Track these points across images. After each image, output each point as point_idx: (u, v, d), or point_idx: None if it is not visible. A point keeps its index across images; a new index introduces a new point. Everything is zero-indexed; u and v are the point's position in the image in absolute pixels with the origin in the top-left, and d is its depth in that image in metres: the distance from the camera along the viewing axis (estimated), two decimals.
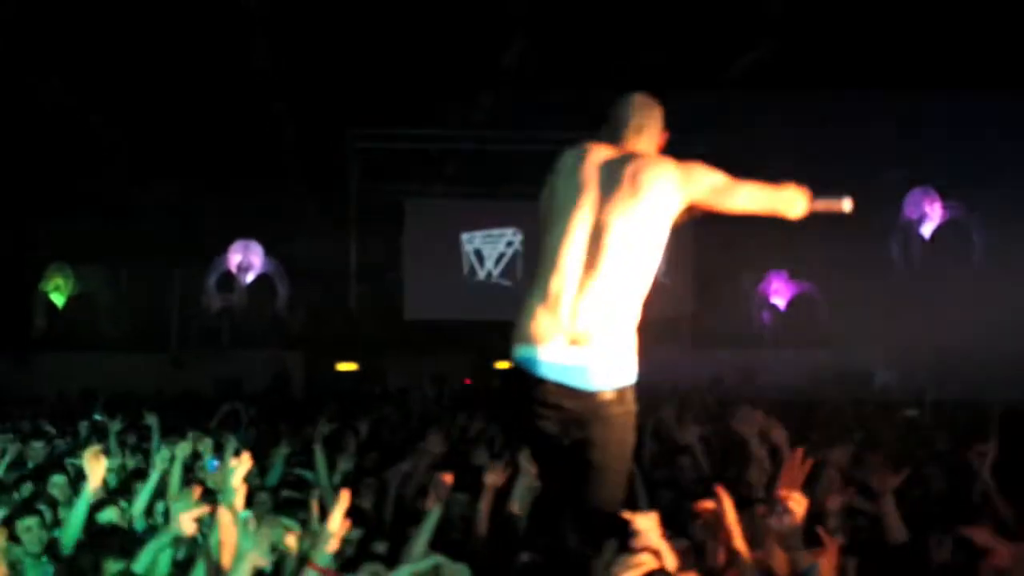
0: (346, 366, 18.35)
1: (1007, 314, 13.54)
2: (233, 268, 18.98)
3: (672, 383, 14.42)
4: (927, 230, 16.73)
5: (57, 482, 6.07)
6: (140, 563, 3.76)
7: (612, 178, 3.44)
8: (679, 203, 3.55)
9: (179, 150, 15.25)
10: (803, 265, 19.00)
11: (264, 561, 3.44)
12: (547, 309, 3.32)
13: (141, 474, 6.17)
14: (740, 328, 19.61)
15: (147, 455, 7.38)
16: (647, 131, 3.73)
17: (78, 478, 5.91)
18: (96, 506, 5.02)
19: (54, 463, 6.81)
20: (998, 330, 13.68)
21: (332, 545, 3.64)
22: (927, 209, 16.73)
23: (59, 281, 19.26)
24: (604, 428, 3.33)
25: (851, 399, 11.58)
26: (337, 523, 3.63)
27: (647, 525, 2.83)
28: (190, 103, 13.10)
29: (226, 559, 3.44)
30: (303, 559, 3.81)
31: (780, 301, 19.89)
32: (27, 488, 6.12)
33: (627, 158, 3.53)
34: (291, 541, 4.09)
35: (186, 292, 19.75)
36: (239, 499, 3.63)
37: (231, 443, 6.89)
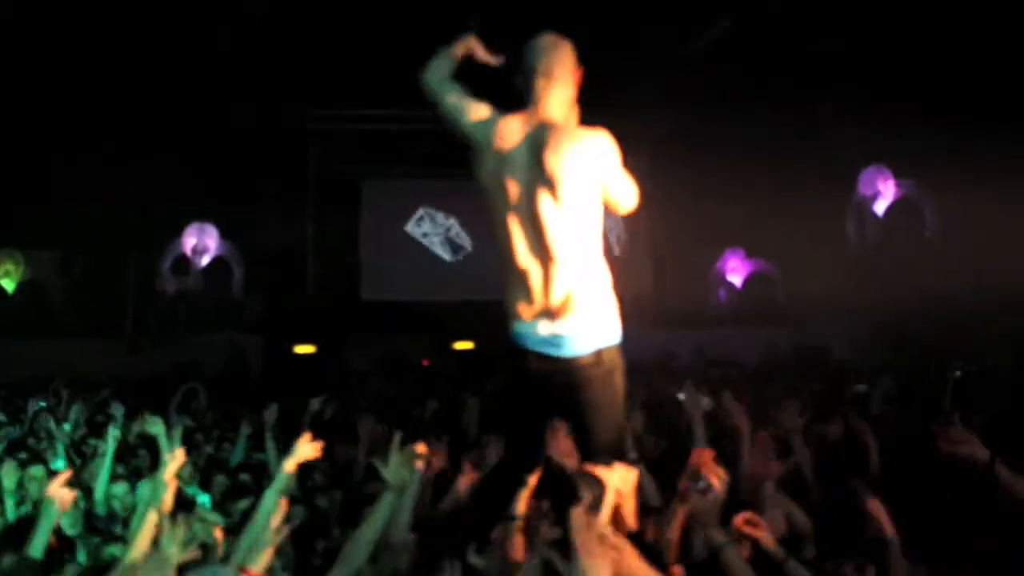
0: (304, 348, 18.28)
1: (962, 286, 13.77)
2: (188, 251, 18.81)
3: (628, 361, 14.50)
4: (881, 207, 16.93)
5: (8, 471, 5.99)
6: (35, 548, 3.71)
7: (545, 149, 3.42)
8: (601, 178, 3.55)
9: (133, 132, 15.05)
10: (759, 242, 19.16)
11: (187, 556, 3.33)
12: (521, 286, 3.42)
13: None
14: (697, 306, 19.74)
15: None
16: (558, 74, 3.59)
17: (28, 462, 5.87)
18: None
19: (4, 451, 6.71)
20: (953, 302, 13.91)
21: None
22: (881, 187, 16.93)
23: (9, 267, 18.98)
24: (588, 390, 3.46)
25: (806, 375, 11.70)
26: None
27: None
28: (146, 84, 12.93)
29: (137, 553, 3.31)
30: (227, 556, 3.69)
31: (736, 279, 20.04)
32: None
33: (552, 127, 3.50)
34: (219, 535, 4.00)
35: (140, 276, 19.54)
36: (169, 495, 3.52)
37: (179, 427, 6.82)
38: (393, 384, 12.81)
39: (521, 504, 3.53)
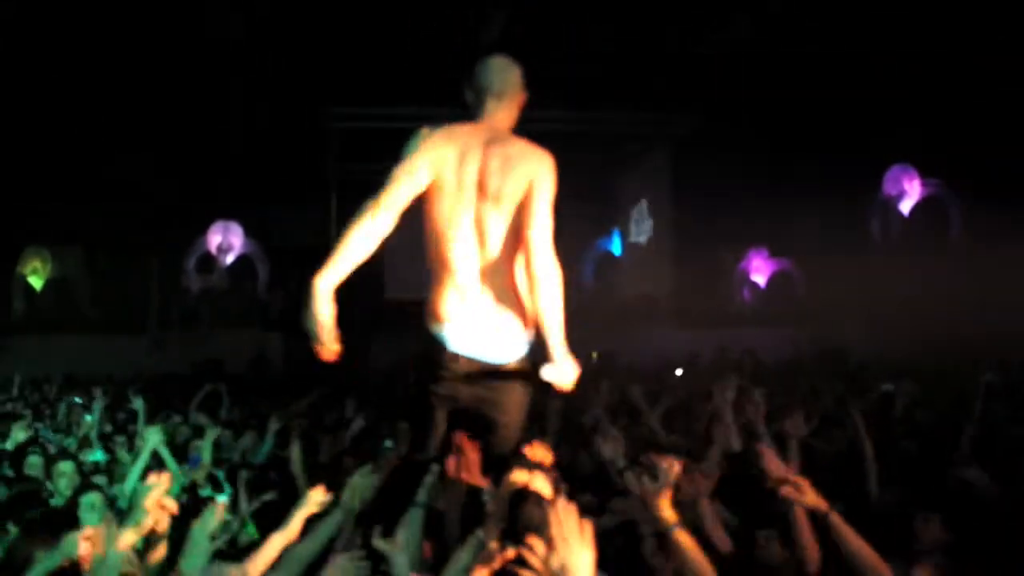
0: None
1: (986, 289, 13.67)
2: (213, 249, 18.91)
3: (651, 361, 14.50)
4: (906, 207, 16.82)
5: (34, 463, 6.06)
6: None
7: (484, 166, 3.55)
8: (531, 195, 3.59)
9: (158, 131, 15.15)
10: (783, 242, 19.08)
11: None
12: (451, 291, 3.58)
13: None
14: (720, 306, 19.69)
15: (131, 438, 7.38)
16: (507, 96, 3.75)
17: (53, 459, 5.93)
18: (78, 490, 5.00)
19: (31, 444, 6.78)
20: (978, 305, 13.82)
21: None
22: (906, 186, 16.82)
23: (36, 264, 19.14)
24: (507, 393, 3.70)
25: (831, 375, 11.63)
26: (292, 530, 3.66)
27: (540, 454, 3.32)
28: (170, 84, 13.01)
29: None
30: None
31: (760, 278, 19.96)
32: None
33: (500, 139, 3.64)
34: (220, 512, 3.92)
35: (165, 274, 19.66)
36: (148, 520, 3.30)
37: (211, 432, 6.86)
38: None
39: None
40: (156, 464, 5.79)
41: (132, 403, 8.48)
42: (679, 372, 13.78)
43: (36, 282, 19.08)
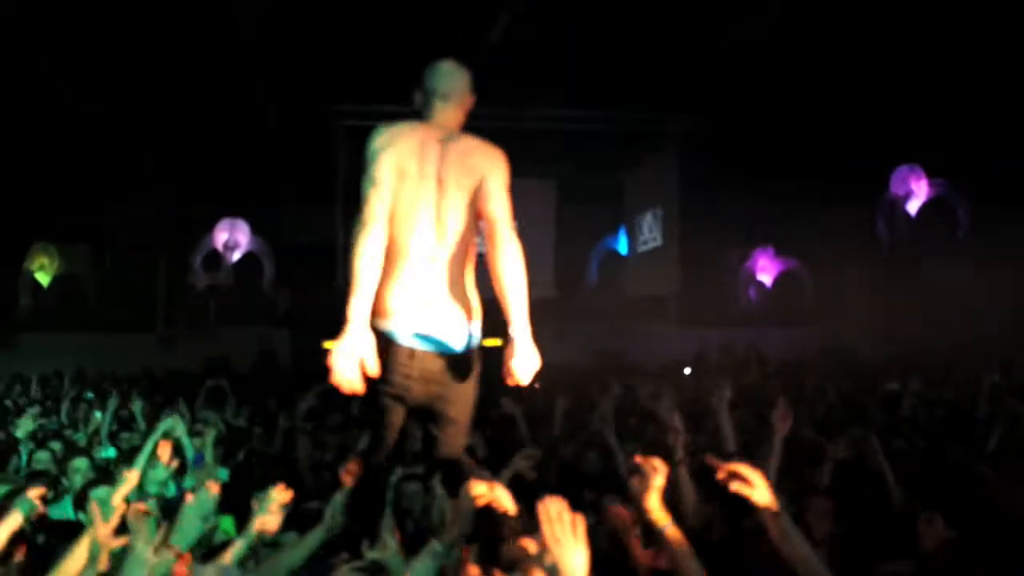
0: (333, 344, 18.32)
1: (993, 289, 13.65)
2: (219, 247, 18.94)
3: (657, 360, 14.49)
4: (913, 207, 16.79)
5: (41, 458, 6.11)
6: None
7: (441, 159, 3.68)
8: (485, 189, 3.71)
9: (164, 128, 15.18)
10: (789, 242, 19.07)
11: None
12: (402, 286, 3.62)
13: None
14: (726, 305, 19.69)
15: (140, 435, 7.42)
16: (454, 98, 3.86)
17: (67, 455, 5.96)
18: (88, 485, 5.02)
19: (40, 441, 6.81)
20: (985, 304, 13.80)
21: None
22: (913, 186, 16.78)
23: (44, 261, 19.19)
24: (457, 385, 3.79)
25: (836, 374, 11.63)
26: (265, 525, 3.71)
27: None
28: (174, 79, 13.02)
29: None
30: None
31: (766, 278, 19.95)
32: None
33: (453, 137, 3.77)
34: (214, 489, 3.92)
35: (172, 271, 19.71)
36: (115, 518, 3.31)
37: (212, 429, 6.88)
38: None
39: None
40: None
41: (132, 404, 8.53)
42: (687, 371, 13.81)
43: (43, 279, 19.13)
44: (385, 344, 3.60)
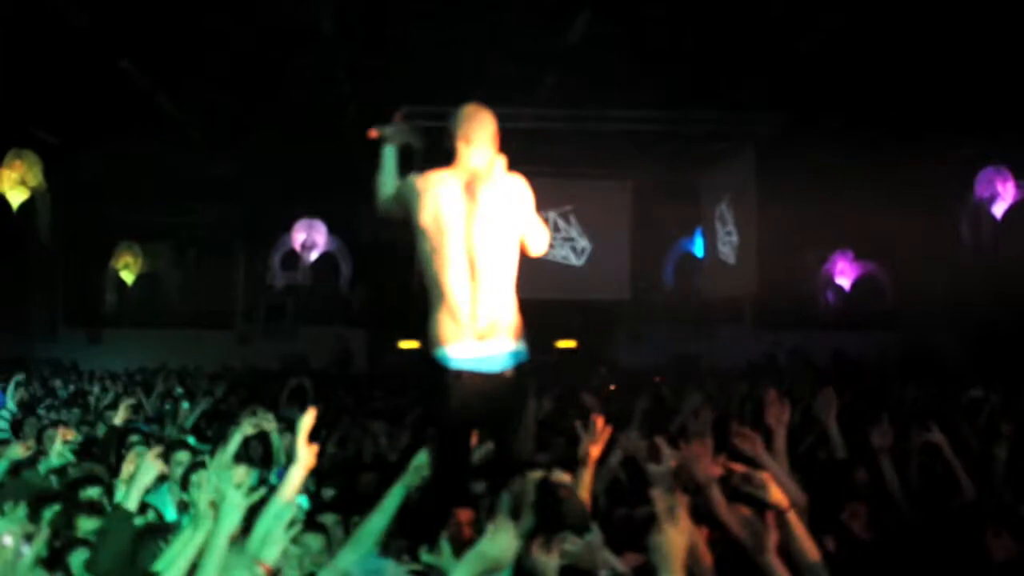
0: (408, 344, 18.47)
1: None
2: (297, 247, 19.20)
3: (733, 363, 14.36)
4: (999, 210, 16.36)
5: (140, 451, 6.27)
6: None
7: (469, 196, 4.00)
8: (518, 218, 4.11)
9: (244, 130, 15.41)
10: (869, 244, 18.74)
11: None
12: (450, 316, 3.97)
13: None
14: (803, 308, 19.43)
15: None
16: (476, 138, 4.15)
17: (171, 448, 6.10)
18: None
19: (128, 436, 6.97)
20: None
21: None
22: (999, 188, 16.36)
23: (129, 259, 19.65)
24: (508, 400, 4.04)
25: (916, 379, 11.41)
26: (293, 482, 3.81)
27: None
28: (255, 80, 13.21)
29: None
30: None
31: (845, 281, 19.64)
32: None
33: (479, 177, 4.06)
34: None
35: (251, 270, 20.04)
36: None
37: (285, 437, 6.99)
38: None
39: None
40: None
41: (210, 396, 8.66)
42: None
43: (128, 277, 19.59)
44: (438, 370, 3.98)
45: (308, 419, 3.98)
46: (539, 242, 4.24)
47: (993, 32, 10.99)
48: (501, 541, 2.97)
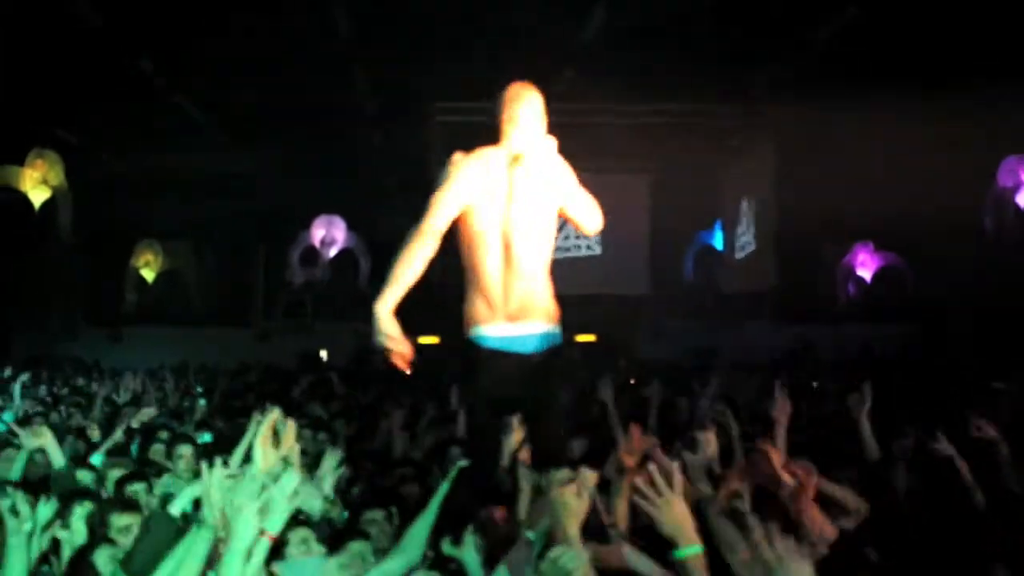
0: (427, 339, 18.46)
1: None
2: (316, 243, 19.23)
3: (754, 356, 14.29)
4: (1023, 199, 16.22)
5: (156, 450, 6.28)
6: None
7: (511, 182, 3.97)
8: (559, 196, 4.10)
9: (264, 127, 15.44)
10: (890, 236, 18.60)
11: None
12: (483, 297, 3.96)
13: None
14: (824, 301, 19.32)
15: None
16: (522, 121, 4.05)
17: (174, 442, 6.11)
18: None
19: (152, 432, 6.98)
20: None
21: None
22: (1023, 177, 16.22)
23: (149, 257, 19.73)
24: (540, 384, 4.02)
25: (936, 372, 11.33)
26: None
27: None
28: (274, 78, 13.23)
29: None
30: None
31: (866, 273, 19.51)
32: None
33: (519, 159, 4.01)
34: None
35: (270, 267, 20.09)
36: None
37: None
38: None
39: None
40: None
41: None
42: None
43: (148, 275, 19.67)
44: (473, 350, 3.99)
45: (269, 419, 3.90)
46: (592, 218, 4.22)
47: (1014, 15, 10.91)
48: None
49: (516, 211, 3.94)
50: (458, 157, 4.04)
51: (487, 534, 3.84)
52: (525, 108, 4.05)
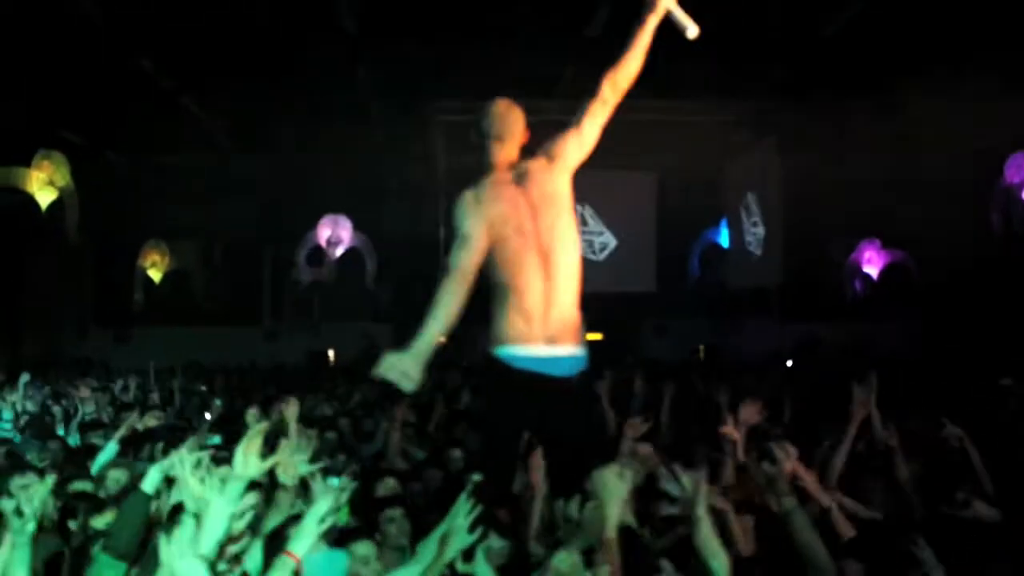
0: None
1: None
2: (323, 242, 19.26)
3: (760, 353, 14.29)
4: None
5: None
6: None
7: (525, 198, 4.00)
8: (569, 182, 4.12)
9: (269, 127, 15.47)
10: (897, 232, 18.58)
11: None
12: (522, 317, 3.92)
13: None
14: (830, 298, 19.30)
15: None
16: (509, 138, 4.12)
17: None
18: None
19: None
20: None
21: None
22: None
23: (156, 258, 19.77)
24: (570, 403, 4.00)
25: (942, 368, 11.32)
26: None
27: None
28: (280, 77, 13.26)
29: None
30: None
31: (873, 270, 19.49)
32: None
33: (522, 175, 4.06)
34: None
35: (276, 266, 20.14)
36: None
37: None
38: None
39: None
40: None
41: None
42: (789, 364, 13.61)
43: (155, 275, 19.71)
44: (501, 369, 3.95)
45: (261, 426, 3.69)
46: (616, 77, 4.51)
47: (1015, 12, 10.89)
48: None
49: (544, 224, 3.96)
50: (468, 196, 4.05)
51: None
52: (513, 125, 4.15)
